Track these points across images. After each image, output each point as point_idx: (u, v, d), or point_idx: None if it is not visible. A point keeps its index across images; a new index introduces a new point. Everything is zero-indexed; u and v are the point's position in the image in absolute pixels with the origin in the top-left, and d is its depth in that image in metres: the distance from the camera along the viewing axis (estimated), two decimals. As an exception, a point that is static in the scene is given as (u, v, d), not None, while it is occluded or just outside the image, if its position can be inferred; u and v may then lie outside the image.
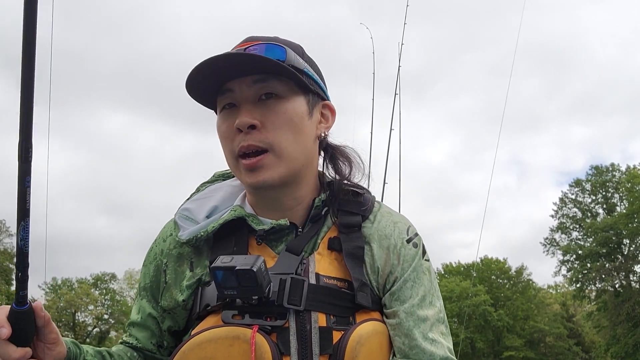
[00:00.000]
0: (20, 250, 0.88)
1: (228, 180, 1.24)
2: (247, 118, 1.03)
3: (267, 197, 1.11)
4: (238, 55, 1.04)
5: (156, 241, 1.21)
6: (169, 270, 1.14)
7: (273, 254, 1.07)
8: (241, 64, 1.05)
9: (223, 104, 1.09)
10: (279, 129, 1.04)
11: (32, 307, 0.93)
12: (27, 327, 0.93)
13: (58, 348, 0.98)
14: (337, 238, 1.09)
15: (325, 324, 0.99)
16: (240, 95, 1.06)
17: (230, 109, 1.08)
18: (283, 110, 1.05)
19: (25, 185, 0.84)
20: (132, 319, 1.19)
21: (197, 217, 1.14)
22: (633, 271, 31.21)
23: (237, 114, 1.05)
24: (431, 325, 1.05)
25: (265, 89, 1.05)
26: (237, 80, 1.06)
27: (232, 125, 1.05)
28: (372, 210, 1.14)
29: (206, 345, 0.97)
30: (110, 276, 41.97)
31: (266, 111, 1.05)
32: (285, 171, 1.06)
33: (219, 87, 1.09)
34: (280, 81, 1.06)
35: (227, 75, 1.06)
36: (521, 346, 36.52)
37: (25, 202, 0.85)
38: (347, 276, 1.04)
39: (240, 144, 1.04)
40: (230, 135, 1.06)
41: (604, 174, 33.87)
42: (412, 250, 1.11)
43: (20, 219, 0.86)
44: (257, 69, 1.05)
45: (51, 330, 0.96)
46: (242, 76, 1.06)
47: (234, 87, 1.06)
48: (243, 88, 1.06)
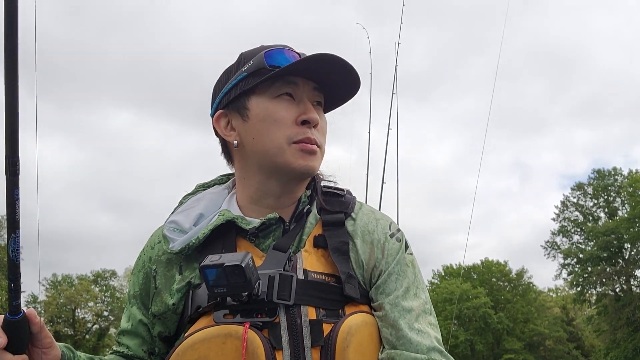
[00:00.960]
0: (12, 262, 0.90)
1: (209, 189, 1.27)
2: (317, 116, 1.13)
3: (277, 192, 1.15)
4: (347, 65, 1.12)
5: (144, 249, 1.23)
6: (158, 275, 1.16)
7: (260, 253, 1.09)
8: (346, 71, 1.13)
9: (283, 91, 1.13)
10: (324, 134, 1.18)
11: (26, 316, 0.95)
12: (22, 335, 0.95)
13: (53, 352, 1.01)
14: (322, 235, 1.12)
15: (316, 317, 1.01)
16: (302, 92, 1.14)
17: (289, 98, 1.13)
18: (326, 120, 1.19)
19: (14, 198, 0.86)
20: (122, 327, 1.21)
21: (184, 227, 1.16)
22: (634, 275, 31.20)
23: (297, 107, 1.13)
24: (417, 316, 1.06)
25: (318, 98, 1.17)
26: (301, 78, 1.14)
27: (292, 115, 1.12)
28: (354, 209, 1.19)
29: (199, 346, 0.98)
30: (111, 273, 42.09)
31: (320, 116, 1.16)
32: (319, 168, 1.17)
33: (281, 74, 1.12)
34: (323, 96, 1.19)
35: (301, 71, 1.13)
36: (521, 349, 36.54)
37: (15, 214, 0.87)
38: (334, 271, 1.07)
39: (306, 134, 1.12)
40: (288, 122, 1.12)
41: (606, 178, 33.87)
42: (395, 244, 1.14)
43: (10, 231, 0.88)
44: (353, 79, 1.16)
45: (45, 335, 0.99)
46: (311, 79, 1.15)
47: (298, 82, 1.14)
48: (306, 88, 1.15)
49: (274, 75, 1.10)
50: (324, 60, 1.10)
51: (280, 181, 1.14)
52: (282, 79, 1.12)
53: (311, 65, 1.11)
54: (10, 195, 0.85)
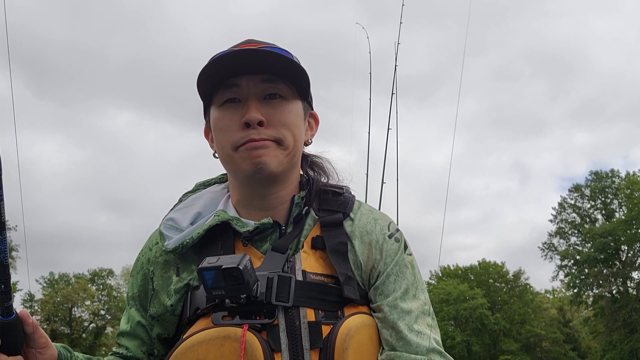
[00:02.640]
0: (1, 263, 0.90)
1: (209, 187, 1.27)
2: (257, 114, 1.07)
3: (255, 194, 1.13)
4: (259, 53, 1.07)
5: (142, 251, 1.23)
6: (155, 277, 1.15)
7: (259, 254, 1.09)
8: (264, 60, 1.07)
9: (225, 98, 1.10)
10: (284, 126, 1.09)
11: (19, 317, 0.95)
12: (16, 336, 0.95)
13: (49, 352, 1.00)
14: (320, 237, 1.11)
15: (314, 318, 1.00)
16: (247, 91, 1.09)
17: (233, 103, 1.10)
18: (287, 110, 1.11)
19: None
20: (121, 329, 1.21)
21: (181, 225, 1.16)
22: (630, 277, 31.24)
23: (242, 109, 1.08)
24: (416, 317, 1.06)
25: (271, 89, 1.10)
26: (244, 77, 1.09)
27: (236, 119, 1.08)
28: (353, 209, 1.17)
29: (198, 347, 0.97)
30: (108, 272, 42.00)
31: (272, 109, 1.09)
32: (285, 162, 1.10)
33: (221, 82, 1.10)
34: (285, 84, 1.11)
35: (237, 70, 1.08)
36: (517, 350, 36.55)
37: (0, 216, 0.86)
38: (333, 272, 1.06)
39: (250, 137, 1.07)
40: (232, 128, 1.09)
41: (604, 180, 33.91)
42: (394, 245, 1.13)
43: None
44: (277, 66, 1.08)
45: (40, 335, 0.98)
46: (252, 73, 1.09)
47: (240, 82, 1.09)
48: (250, 84, 1.09)
49: (212, 84, 1.10)
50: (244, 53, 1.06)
51: (250, 185, 1.12)
52: (224, 84, 1.09)
53: (239, 61, 1.06)
54: None
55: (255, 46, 1.10)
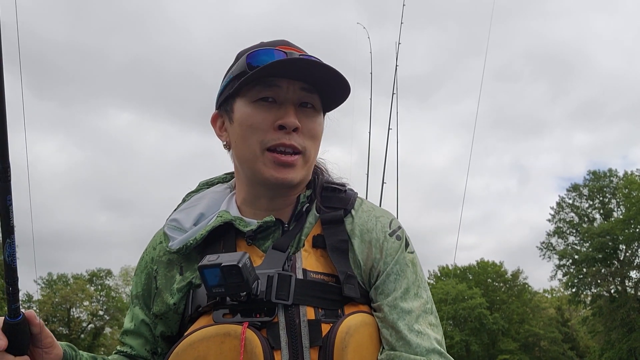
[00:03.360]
0: (9, 266, 0.91)
1: (212, 187, 1.27)
2: (295, 120, 1.08)
3: (266, 195, 1.14)
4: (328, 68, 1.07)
5: (146, 250, 1.23)
6: (159, 276, 1.16)
7: (260, 253, 1.09)
8: (306, 69, 1.08)
9: (261, 95, 1.09)
10: (312, 138, 1.12)
11: (25, 318, 0.96)
12: (23, 337, 0.96)
13: (55, 351, 1.01)
14: (321, 235, 1.11)
15: (314, 317, 1.00)
16: (286, 94, 1.10)
17: (269, 103, 1.09)
18: (318, 122, 1.14)
19: (7, 204, 0.87)
20: (125, 327, 1.21)
21: (184, 226, 1.17)
22: (628, 277, 31.29)
23: (278, 111, 1.09)
24: (417, 317, 1.05)
25: (307, 98, 1.11)
26: (285, 80, 1.09)
27: (269, 120, 1.08)
28: (355, 206, 1.16)
29: (198, 345, 0.98)
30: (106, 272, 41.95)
31: (305, 118, 1.11)
32: (305, 175, 1.13)
33: (259, 78, 1.09)
34: (318, 96, 1.13)
35: (283, 72, 1.09)
36: (516, 350, 36.58)
37: (9, 220, 0.88)
38: (334, 271, 1.06)
39: (280, 140, 1.07)
40: (265, 128, 1.08)
41: (602, 179, 33.95)
42: (395, 243, 1.12)
43: (5, 237, 0.89)
44: (314, 78, 1.09)
45: (46, 335, 0.99)
46: (295, 79, 1.10)
47: (282, 84, 1.09)
48: (290, 89, 1.10)
49: (253, 77, 1.08)
50: (303, 61, 1.07)
51: (264, 188, 1.13)
52: (263, 82, 1.09)
53: (292, 66, 1.07)
54: (3, 201, 0.86)
55: (302, 53, 1.12)
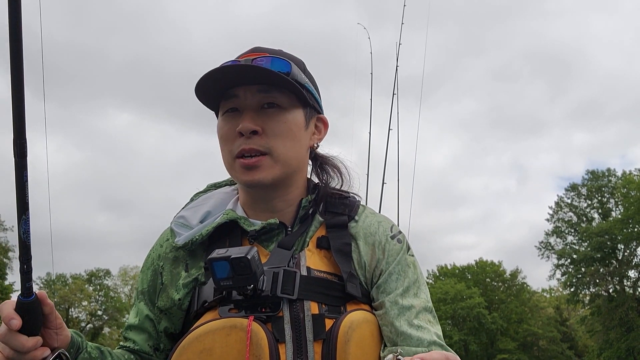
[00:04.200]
0: (23, 244, 0.91)
1: (220, 188, 1.31)
2: (250, 124, 1.10)
3: (259, 198, 1.18)
4: (247, 67, 1.11)
5: (153, 248, 1.26)
6: (164, 272, 1.19)
7: (265, 252, 1.12)
8: (248, 74, 1.12)
9: (226, 107, 1.15)
10: (278, 136, 1.12)
11: (38, 297, 0.96)
12: (36, 317, 0.96)
13: (64, 332, 1.02)
14: (325, 237, 1.14)
15: (318, 311, 1.03)
16: (244, 101, 1.13)
17: (233, 113, 1.15)
18: (283, 119, 1.14)
19: (23, 180, 0.86)
20: (129, 322, 1.23)
21: (191, 222, 1.20)
22: (627, 276, 31.34)
23: (240, 119, 1.13)
24: (417, 313, 1.08)
25: (268, 99, 1.13)
26: (242, 87, 1.13)
27: (234, 129, 1.13)
28: (357, 212, 1.21)
29: (204, 338, 1.00)
30: (105, 272, 41.95)
31: (267, 119, 1.13)
32: (279, 173, 1.14)
33: (223, 92, 1.15)
34: (283, 93, 1.14)
35: (234, 81, 1.13)
36: (515, 349, 36.63)
37: (24, 197, 0.88)
38: (337, 271, 1.09)
39: (241, 147, 1.11)
40: (231, 137, 1.13)
41: (600, 179, 33.99)
42: (396, 245, 1.16)
43: (20, 213, 0.89)
44: (263, 80, 1.12)
45: (56, 316, 1.00)
46: (248, 84, 1.13)
47: (239, 93, 1.14)
48: (247, 95, 1.13)
49: (214, 95, 1.15)
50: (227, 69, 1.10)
51: (251, 194, 1.18)
52: (225, 95, 1.15)
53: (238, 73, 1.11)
54: (19, 178, 0.86)
55: (254, 55, 1.14)
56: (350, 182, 1.27)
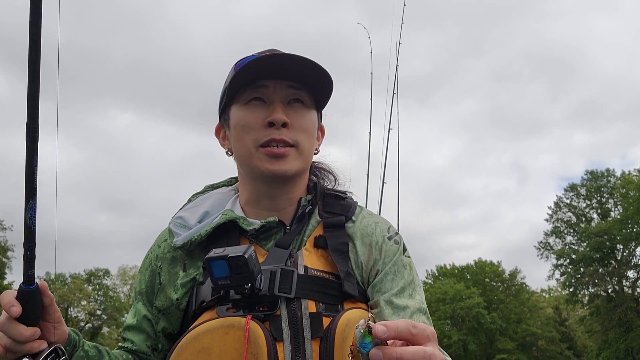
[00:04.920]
0: (29, 229, 0.90)
1: (218, 189, 1.31)
2: (283, 115, 1.13)
3: (265, 194, 1.18)
4: (309, 62, 1.11)
5: (151, 248, 1.26)
6: (162, 272, 1.20)
7: (263, 251, 1.12)
8: (290, 68, 1.13)
9: (252, 96, 1.15)
10: (303, 131, 1.16)
11: (38, 287, 0.95)
12: (35, 307, 0.95)
13: (62, 327, 1.02)
14: (323, 236, 1.15)
15: (315, 310, 1.03)
16: (274, 93, 1.15)
17: (258, 102, 1.15)
18: (308, 117, 1.18)
19: (33, 165, 0.86)
20: (128, 323, 1.23)
21: (189, 223, 1.20)
22: (626, 276, 31.36)
23: (267, 109, 1.14)
24: (411, 314, 1.08)
25: (296, 95, 1.16)
26: (271, 80, 1.14)
27: (261, 118, 1.14)
28: (355, 212, 1.22)
29: (202, 337, 1.00)
30: (104, 272, 41.92)
31: (294, 114, 1.16)
32: (301, 167, 1.17)
33: (251, 81, 1.15)
34: (307, 93, 1.18)
35: (267, 73, 1.14)
36: (513, 349, 36.62)
37: (33, 181, 0.87)
38: (334, 270, 1.10)
39: (271, 136, 1.12)
40: (256, 127, 1.14)
41: (599, 179, 33.99)
42: (393, 246, 1.17)
43: (28, 198, 0.88)
44: (298, 76, 1.14)
45: (55, 309, 1.00)
46: (280, 79, 1.15)
47: (269, 84, 1.15)
48: (277, 88, 1.15)
49: (240, 80, 1.14)
50: (280, 57, 1.12)
51: (264, 184, 1.17)
52: (251, 85, 1.15)
53: (275, 65, 1.12)
54: (29, 162, 0.86)
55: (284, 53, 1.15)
56: (342, 183, 1.29)
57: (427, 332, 0.76)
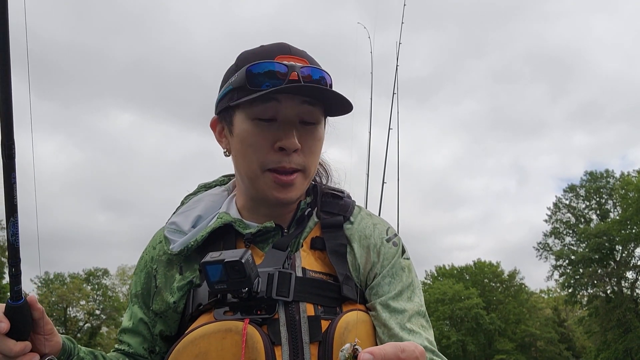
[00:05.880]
0: (12, 246, 0.90)
1: (209, 190, 1.28)
2: (296, 141, 1.07)
3: (266, 206, 1.15)
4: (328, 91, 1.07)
5: (146, 250, 1.24)
6: (159, 275, 1.17)
7: (261, 253, 1.11)
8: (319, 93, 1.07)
9: (262, 113, 1.07)
10: (313, 154, 1.12)
11: (27, 302, 0.95)
12: (24, 321, 0.95)
13: (55, 339, 1.01)
14: (320, 238, 1.13)
15: (314, 313, 1.02)
16: (285, 110, 1.07)
17: (269, 122, 1.07)
18: (318, 137, 1.13)
19: (11, 182, 0.86)
20: (123, 326, 1.22)
21: (183, 228, 1.18)
22: (625, 277, 31.37)
23: (277, 131, 1.07)
24: (409, 317, 1.07)
25: (309, 114, 1.09)
26: (285, 94, 1.07)
27: (269, 140, 1.07)
28: (353, 213, 1.19)
29: (199, 341, 0.98)
30: (103, 272, 41.87)
31: (307, 136, 1.10)
32: (304, 189, 1.14)
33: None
34: (319, 108, 1.11)
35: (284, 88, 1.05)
36: (512, 350, 36.65)
37: (12, 198, 0.87)
38: (332, 271, 1.08)
39: (281, 163, 1.07)
40: (264, 149, 1.08)
41: (598, 180, 34.01)
42: (392, 249, 1.15)
43: (9, 215, 0.88)
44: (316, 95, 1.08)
45: (47, 321, 0.98)
46: (297, 94, 1.07)
47: (281, 98, 1.07)
48: (289, 104, 1.07)
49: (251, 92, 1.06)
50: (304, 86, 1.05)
51: (266, 206, 1.15)
52: (263, 97, 1.05)
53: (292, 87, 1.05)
54: (7, 180, 0.85)
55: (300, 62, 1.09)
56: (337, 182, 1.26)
57: (416, 354, 0.74)
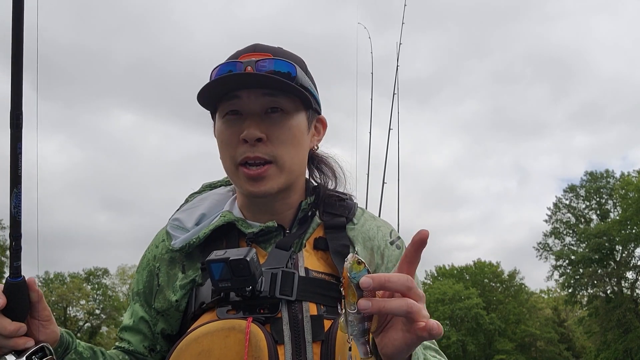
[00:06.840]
0: (14, 219, 0.88)
1: (215, 189, 1.28)
2: (255, 131, 1.06)
3: (260, 203, 1.15)
4: (254, 76, 1.07)
5: (149, 248, 1.24)
6: (161, 273, 1.17)
7: (263, 253, 1.11)
8: (253, 80, 1.08)
9: (228, 109, 1.10)
10: (283, 143, 1.09)
11: (25, 281, 0.93)
12: (21, 301, 0.93)
13: (51, 327, 0.99)
14: (323, 238, 1.13)
15: (317, 312, 1.02)
16: (248, 104, 1.09)
17: (235, 116, 1.10)
18: (288, 126, 1.10)
19: (17, 152, 0.84)
20: (124, 324, 1.22)
21: (186, 225, 1.18)
22: (625, 277, 31.36)
23: (242, 124, 1.08)
24: None
25: (273, 103, 1.09)
26: (245, 90, 1.08)
27: (236, 134, 1.09)
28: (356, 214, 1.20)
29: (202, 339, 0.98)
30: (103, 271, 41.88)
31: (272, 125, 1.09)
32: (284, 182, 1.12)
33: (224, 92, 1.10)
34: (287, 97, 1.10)
35: (237, 85, 1.09)
36: (512, 350, 36.64)
37: (17, 169, 0.85)
38: (334, 272, 1.08)
39: (245, 154, 1.08)
40: (233, 143, 1.09)
41: (599, 180, 34.00)
42: (395, 251, 1.15)
43: (12, 186, 0.86)
44: (268, 85, 1.08)
45: (44, 307, 0.97)
46: (252, 88, 1.08)
47: (242, 95, 1.09)
48: (251, 98, 1.08)
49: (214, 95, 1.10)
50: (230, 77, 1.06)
51: (253, 201, 1.15)
52: (226, 96, 1.09)
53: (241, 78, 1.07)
54: (13, 149, 0.84)
55: (257, 56, 1.10)
56: (345, 183, 1.25)
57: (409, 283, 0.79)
